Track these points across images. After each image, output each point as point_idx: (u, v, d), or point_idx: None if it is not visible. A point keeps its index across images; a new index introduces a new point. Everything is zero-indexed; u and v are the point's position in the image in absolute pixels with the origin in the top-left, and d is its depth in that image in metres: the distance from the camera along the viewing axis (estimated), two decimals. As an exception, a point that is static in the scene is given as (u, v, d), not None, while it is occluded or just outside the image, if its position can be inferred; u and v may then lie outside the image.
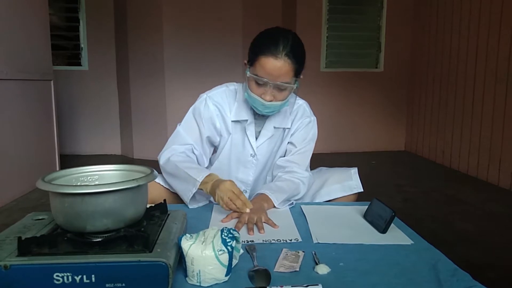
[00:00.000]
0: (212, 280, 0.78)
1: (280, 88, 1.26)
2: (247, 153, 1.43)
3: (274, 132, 1.43)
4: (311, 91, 4.78)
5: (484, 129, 3.55)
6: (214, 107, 1.39)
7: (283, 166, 1.44)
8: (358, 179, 1.44)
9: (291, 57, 1.22)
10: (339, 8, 4.72)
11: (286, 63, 1.22)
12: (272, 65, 1.21)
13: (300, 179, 1.39)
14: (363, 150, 4.92)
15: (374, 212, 1.14)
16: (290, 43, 1.23)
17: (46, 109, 3.39)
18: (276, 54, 1.21)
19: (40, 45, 3.31)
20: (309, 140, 1.48)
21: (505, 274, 1.80)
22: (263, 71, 1.23)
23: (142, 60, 4.36)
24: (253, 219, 1.12)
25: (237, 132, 1.42)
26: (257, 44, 1.27)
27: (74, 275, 0.70)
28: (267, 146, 1.44)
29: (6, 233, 0.85)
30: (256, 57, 1.25)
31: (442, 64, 4.21)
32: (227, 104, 1.40)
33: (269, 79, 1.23)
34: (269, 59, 1.21)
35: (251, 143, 1.42)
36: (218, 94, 1.41)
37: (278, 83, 1.24)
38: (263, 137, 1.42)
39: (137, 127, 4.51)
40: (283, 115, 1.43)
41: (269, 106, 1.29)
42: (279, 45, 1.21)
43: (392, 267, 0.87)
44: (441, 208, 2.80)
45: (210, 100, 1.39)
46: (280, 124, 1.43)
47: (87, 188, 0.78)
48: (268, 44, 1.23)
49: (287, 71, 1.23)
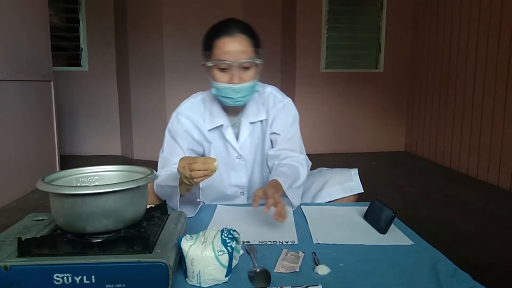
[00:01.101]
0: (212, 280, 0.78)
1: (244, 67, 1.25)
2: (232, 157, 1.41)
3: (252, 128, 1.41)
4: (311, 92, 4.78)
5: (484, 130, 3.55)
6: (187, 121, 1.38)
7: (277, 155, 1.40)
8: (359, 180, 1.43)
9: (245, 32, 1.25)
10: (339, 8, 4.72)
11: (242, 39, 1.24)
12: (229, 43, 1.23)
13: (298, 162, 1.36)
14: (363, 150, 4.92)
15: (374, 212, 1.14)
16: (240, 22, 1.27)
17: (46, 109, 3.39)
18: (229, 33, 1.24)
19: (40, 46, 3.31)
20: (291, 123, 1.44)
21: (505, 274, 1.79)
22: (223, 52, 1.23)
23: (142, 61, 4.36)
24: (273, 193, 1.08)
25: (216, 140, 1.41)
26: (209, 33, 1.29)
27: (74, 276, 0.70)
28: (250, 143, 1.42)
29: (6, 234, 0.85)
30: (212, 44, 1.26)
31: (442, 64, 4.21)
32: (198, 115, 1.39)
33: (231, 60, 1.23)
34: (224, 39, 1.24)
35: (233, 146, 1.40)
36: (187, 108, 1.41)
37: (241, 60, 1.23)
38: (243, 136, 1.40)
39: (137, 127, 4.51)
40: (256, 108, 1.41)
41: (239, 90, 1.26)
42: (230, 25, 1.25)
43: (392, 267, 0.87)
44: (441, 209, 2.80)
45: (181, 115, 1.39)
46: (255, 117, 1.40)
47: (87, 189, 0.78)
48: (219, 28, 1.27)
49: (245, 47, 1.24)
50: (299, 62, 4.73)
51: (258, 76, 1.32)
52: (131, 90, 4.47)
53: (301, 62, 4.73)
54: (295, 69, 4.75)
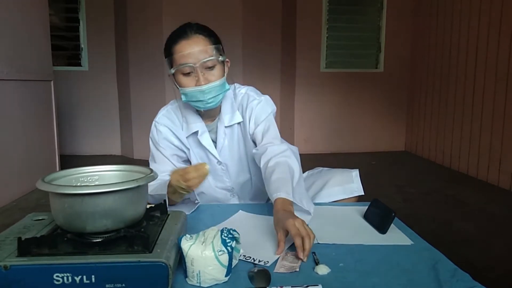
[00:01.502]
0: (212, 280, 0.78)
1: (207, 67, 1.23)
2: (214, 163, 1.40)
3: (229, 131, 1.39)
4: (311, 92, 4.78)
5: (484, 130, 3.55)
6: (165, 128, 1.39)
7: (260, 153, 1.33)
8: (359, 181, 1.42)
9: (201, 32, 1.24)
10: (339, 8, 4.72)
11: (199, 38, 1.23)
12: (187, 45, 1.22)
13: (283, 156, 1.26)
14: (363, 150, 4.92)
15: (374, 212, 1.14)
16: (194, 24, 1.26)
17: (46, 109, 3.39)
18: (185, 36, 1.23)
19: (40, 46, 3.31)
20: (266, 117, 1.37)
21: (505, 274, 1.79)
22: (182, 56, 1.22)
23: (142, 60, 4.36)
24: (303, 228, 0.94)
25: (196, 147, 1.40)
26: (167, 41, 1.28)
27: (74, 276, 0.70)
28: (229, 147, 1.40)
29: (6, 234, 0.85)
30: (171, 51, 1.25)
31: (442, 64, 4.21)
32: (176, 121, 1.39)
33: (192, 62, 1.21)
34: (181, 43, 1.22)
35: (211, 152, 1.38)
36: (163, 116, 1.41)
37: (202, 60, 1.21)
38: (220, 141, 1.39)
39: (137, 127, 4.51)
40: (230, 112, 1.38)
41: (208, 91, 1.23)
42: (186, 29, 1.24)
43: (392, 267, 0.87)
44: (441, 209, 2.80)
45: (158, 124, 1.40)
46: (230, 121, 1.38)
47: (87, 189, 0.78)
48: (175, 33, 1.26)
49: (203, 46, 1.22)
50: (299, 62, 4.73)
51: (225, 74, 1.29)
52: (131, 90, 4.47)
53: (301, 62, 4.73)
54: (295, 69, 4.75)
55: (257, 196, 1.50)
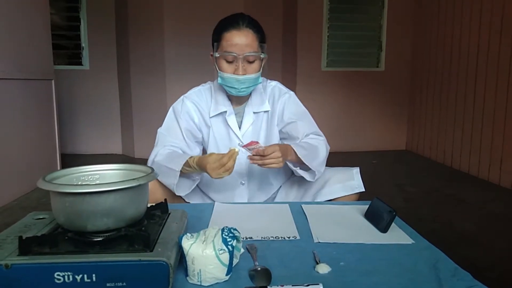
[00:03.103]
0: (212, 279, 0.79)
1: (249, 60, 1.33)
2: (234, 144, 1.47)
3: (255, 118, 1.49)
4: (312, 90, 4.78)
5: (485, 129, 3.54)
6: (191, 104, 1.47)
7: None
8: (360, 179, 1.44)
9: (252, 27, 1.33)
10: (340, 7, 4.71)
11: (249, 33, 1.32)
12: (237, 36, 1.31)
13: (317, 140, 1.43)
14: (364, 149, 4.92)
15: (375, 211, 1.14)
16: (247, 17, 1.35)
17: (47, 108, 3.39)
18: (237, 27, 1.32)
19: (41, 45, 3.31)
20: (302, 111, 1.52)
21: (505, 273, 1.79)
22: (230, 45, 1.31)
23: (143, 59, 4.36)
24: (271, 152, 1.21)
25: (219, 126, 1.48)
26: (219, 26, 1.37)
27: (75, 275, 0.70)
28: (252, 132, 1.49)
29: (7, 233, 0.85)
30: (220, 36, 1.34)
31: (443, 63, 4.20)
32: (204, 101, 1.48)
33: (237, 52, 1.31)
34: (232, 33, 1.32)
35: (235, 133, 1.46)
36: (194, 93, 1.50)
37: (246, 53, 1.31)
38: (246, 125, 1.47)
39: (138, 126, 4.51)
40: (260, 100, 1.49)
41: (243, 81, 1.34)
42: (239, 20, 1.34)
43: (393, 266, 0.87)
44: (442, 208, 2.80)
45: (187, 98, 1.48)
46: (258, 108, 1.48)
47: (88, 188, 0.78)
48: (228, 21, 1.35)
49: (251, 41, 1.32)
50: (300, 61, 4.72)
51: (261, 69, 1.39)
52: (132, 89, 4.47)
53: (302, 60, 4.72)
54: (296, 67, 4.75)
55: (264, 188, 1.55)
